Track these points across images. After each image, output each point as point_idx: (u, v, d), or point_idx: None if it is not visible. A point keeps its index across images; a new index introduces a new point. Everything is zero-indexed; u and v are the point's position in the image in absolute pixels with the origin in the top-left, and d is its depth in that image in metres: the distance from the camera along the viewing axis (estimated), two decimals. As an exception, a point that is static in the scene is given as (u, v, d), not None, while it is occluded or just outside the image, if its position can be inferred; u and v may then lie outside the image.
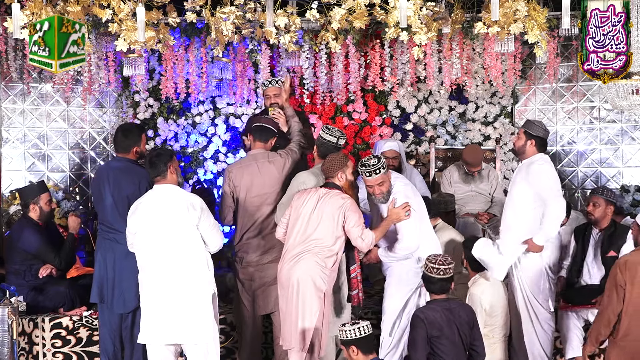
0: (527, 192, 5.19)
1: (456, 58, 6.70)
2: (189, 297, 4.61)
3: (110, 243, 5.13)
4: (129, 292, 5.06)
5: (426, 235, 5.15)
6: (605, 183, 7.61)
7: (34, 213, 5.80)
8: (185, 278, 4.61)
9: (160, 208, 4.65)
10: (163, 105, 7.81)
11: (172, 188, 4.70)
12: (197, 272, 4.64)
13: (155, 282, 4.64)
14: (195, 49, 6.79)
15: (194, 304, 4.62)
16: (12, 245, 5.79)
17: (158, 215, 4.63)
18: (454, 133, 7.88)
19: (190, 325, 4.60)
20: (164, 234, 4.61)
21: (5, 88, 7.53)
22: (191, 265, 4.63)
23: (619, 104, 6.60)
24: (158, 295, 4.62)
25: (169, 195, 4.67)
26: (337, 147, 5.19)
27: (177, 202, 4.64)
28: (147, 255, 4.66)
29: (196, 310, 4.62)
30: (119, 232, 5.03)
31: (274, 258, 5.23)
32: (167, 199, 4.66)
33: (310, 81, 6.91)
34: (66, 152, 7.83)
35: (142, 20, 5.30)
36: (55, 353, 5.61)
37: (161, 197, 4.68)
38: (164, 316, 4.61)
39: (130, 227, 4.72)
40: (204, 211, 4.69)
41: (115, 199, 5.10)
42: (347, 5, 5.69)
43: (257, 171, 5.27)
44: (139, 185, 5.08)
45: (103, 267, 5.15)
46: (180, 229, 4.61)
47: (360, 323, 4.35)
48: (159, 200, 4.67)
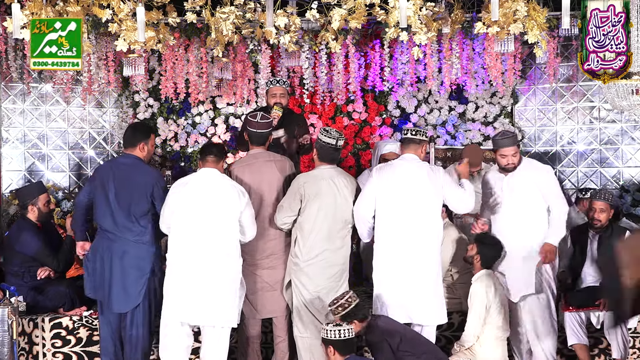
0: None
1: (456, 58, 6.70)
2: (218, 282, 4.83)
3: (107, 242, 5.11)
4: (126, 292, 5.06)
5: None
6: (606, 183, 7.61)
7: (32, 214, 5.77)
8: (217, 263, 4.84)
9: (208, 191, 4.89)
10: (163, 105, 7.81)
11: (220, 174, 4.98)
12: (229, 258, 4.87)
13: (186, 263, 4.84)
14: (195, 49, 6.79)
15: (221, 288, 4.83)
16: (10, 248, 5.76)
17: (205, 197, 4.87)
18: (454, 133, 7.88)
19: (215, 309, 4.82)
20: (207, 217, 4.85)
21: (5, 88, 7.53)
22: (225, 251, 4.87)
23: (619, 104, 6.60)
24: (187, 276, 4.83)
25: (218, 180, 4.94)
26: (337, 149, 5.20)
27: (228, 187, 4.91)
28: (182, 235, 4.86)
29: (222, 295, 4.83)
30: (113, 233, 5.06)
31: (274, 264, 5.25)
32: (217, 184, 4.92)
33: (310, 81, 6.91)
34: (66, 152, 7.82)
35: (142, 20, 5.30)
36: (55, 353, 5.61)
37: (209, 180, 4.93)
38: (190, 297, 4.82)
39: (170, 205, 4.91)
40: (249, 200, 4.96)
41: (118, 194, 5.08)
42: (347, 5, 5.70)
43: (258, 170, 5.27)
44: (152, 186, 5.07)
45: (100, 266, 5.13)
46: (224, 214, 4.86)
47: (344, 326, 4.42)
48: (206, 183, 4.91)
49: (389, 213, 5.06)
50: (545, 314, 5.34)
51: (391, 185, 5.07)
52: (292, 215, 5.13)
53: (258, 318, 5.31)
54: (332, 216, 5.11)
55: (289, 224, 5.17)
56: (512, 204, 5.36)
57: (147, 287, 5.07)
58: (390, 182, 5.07)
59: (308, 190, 5.08)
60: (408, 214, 5.04)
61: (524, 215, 5.33)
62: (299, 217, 5.13)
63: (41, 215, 5.80)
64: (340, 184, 5.15)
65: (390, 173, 5.11)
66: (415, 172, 5.10)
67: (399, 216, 5.05)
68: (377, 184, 5.08)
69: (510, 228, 5.35)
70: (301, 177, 5.20)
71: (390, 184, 5.07)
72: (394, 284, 5.02)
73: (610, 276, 3.11)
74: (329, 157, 5.20)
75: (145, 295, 5.07)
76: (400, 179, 5.07)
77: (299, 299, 5.14)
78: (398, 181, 5.07)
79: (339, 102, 7.61)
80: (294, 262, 5.16)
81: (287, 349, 5.33)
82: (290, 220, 5.15)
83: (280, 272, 5.26)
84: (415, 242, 5.04)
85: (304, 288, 5.12)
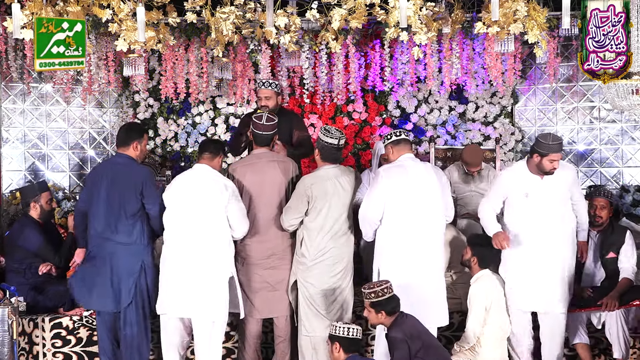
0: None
1: (456, 58, 6.70)
2: (207, 276, 4.97)
3: (99, 241, 5.14)
4: (116, 291, 5.08)
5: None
6: (606, 183, 7.61)
7: (35, 212, 5.84)
8: (206, 257, 4.98)
9: (194, 186, 5.04)
10: (163, 105, 7.81)
11: (209, 169, 5.10)
12: (218, 253, 5.00)
13: (177, 257, 5.00)
14: (195, 49, 6.79)
15: (210, 282, 4.97)
16: (12, 243, 5.80)
17: (191, 192, 5.02)
18: (454, 133, 7.88)
19: (204, 303, 4.96)
20: (194, 212, 4.99)
21: (5, 88, 7.53)
22: (214, 245, 5.00)
23: (619, 104, 6.60)
24: (178, 270, 4.99)
25: (205, 175, 5.07)
26: (339, 148, 5.22)
27: (212, 181, 5.04)
28: (174, 230, 5.03)
29: (211, 289, 4.97)
30: (104, 232, 5.08)
31: (275, 265, 5.25)
32: (203, 178, 5.06)
33: (310, 81, 6.90)
34: (66, 152, 7.82)
35: (142, 20, 5.30)
36: (55, 353, 5.61)
37: (197, 176, 5.09)
38: (181, 290, 4.98)
39: (165, 201, 5.08)
40: (235, 194, 5.05)
41: (109, 194, 5.10)
42: (347, 5, 5.69)
43: (260, 170, 5.27)
44: (141, 184, 5.09)
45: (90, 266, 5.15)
46: (210, 208, 4.98)
47: (353, 326, 4.52)
48: (194, 179, 5.08)
49: (401, 214, 5.05)
50: (563, 330, 5.33)
51: (403, 186, 5.05)
52: (299, 216, 5.15)
53: (258, 318, 5.31)
54: (338, 215, 5.15)
55: (296, 225, 5.19)
56: (548, 207, 5.26)
57: (137, 285, 5.08)
58: (402, 183, 5.05)
59: (315, 192, 5.10)
60: (420, 215, 5.05)
61: (559, 218, 5.28)
62: (306, 218, 5.15)
63: (43, 212, 5.87)
64: (344, 183, 5.19)
65: (402, 174, 5.07)
66: (425, 172, 5.12)
67: (411, 217, 5.05)
68: (387, 186, 5.05)
69: (545, 233, 5.24)
70: (307, 178, 5.20)
71: (402, 185, 5.05)
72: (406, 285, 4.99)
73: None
74: (332, 157, 5.22)
75: (136, 293, 5.08)
76: (412, 180, 5.06)
77: (306, 298, 5.17)
78: (410, 182, 5.06)
79: (339, 102, 7.61)
80: (301, 261, 5.18)
81: (288, 349, 5.34)
82: (297, 221, 5.16)
83: (281, 272, 5.27)
84: (426, 243, 5.06)
85: (312, 286, 5.15)
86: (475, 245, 5.33)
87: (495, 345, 5.21)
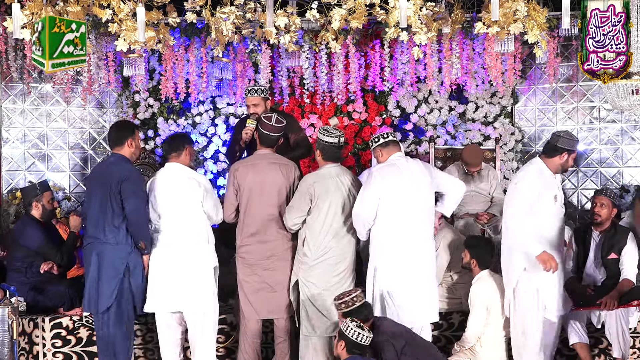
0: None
1: (456, 58, 6.70)
2: (191, 269, 5.12)
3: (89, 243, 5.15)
4: (99, 292, 5.06)
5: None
6: (606, 183, 7.62)
7: (37, 211, 5.85)
8: (187, 251, 5.13)
9: (168, 184, 5.16)
10: (163, 105, 7.81)
11: (181, 167, 5.21)
12: (198, 246, 5.14)
13: (161, 254, 5.14)
14: (195, 49, 6.79)
15: (195, 275, 5.12)
16: (14, 242, 5.81)
17: (166, 190, 5.15)
18: (454, 133, 7.88)
19: (191, 295, 5.10)
20: (172, 210, 5.14)
21: (5, 88, 7.53)
22: (193, 239, 5.14)
23: (619, 104, 6.60)
24: (163, 266, 5.12)
25: (178, 173, 5.19)
26: (340, 146, 5.24)
27: (185, 179, 5.16)
28: (155, 228, 5.16)
29: (197, 280, 5.12)
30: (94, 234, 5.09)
31: (275, 266, 5.25)
32: (176, 176, 5.17)
33: (310, 81, 6.91)
34: (66, 152, 7.83)
35: (142, 20, 5.30)
36: (56, 353, 5.61)
37: (170, 174, 5.20)
38: (168, 286, 5.12)
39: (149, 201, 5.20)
40: (208, 190, 5.22)
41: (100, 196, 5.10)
42: (347, 5, 5.70)
43: (262, 171, 5.26)
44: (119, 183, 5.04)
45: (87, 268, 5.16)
46: (186, 205, 5.13)
47: (365, 333, 4.45)
48: (168, 177, 5.19)
49: (396, 213, 5.05)
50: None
51: (397, 185, 5.06)
52: (302, 215, 5.15)
53: (258, 318, 5.31)
54: (340, 214, 5.16)
55: (299, 225, 5.20)
56: (561, 208, 5.20)
57: (119, 287, 5.05)
58: (395, 182, 5.06)
59: (318, 190, 5.11)
60: (413, 212, 5.06)
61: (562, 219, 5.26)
62: (308, 217, 5.16)
63: (45, 212, 5.88)
64: (346, 182, 5.20)
65: (395, 173, 5.09)
66: (417, 170, 5.12)
67: (406, 215, 5.05)
68: (381, 185, 5.06)
69: (561, 235, 5.21)
70: (309, 177, 5.21)
71: (396, 184, 5.06)
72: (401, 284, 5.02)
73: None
74: (333, 156, 5.23)
75: (118, 295, 5.05)
76: (405, 178, 5.07)
77: (307, 298, 5.17)
78: (404, 180, 5.06)
79: (339, 102, 7.61)
80: (302, 261, 5.18)
81: (288, 349, 5.34)
82: (300, 220, 5.17)
83: (280, 273, 5.26)
84: (419, 240, 5.08)
85: (314, 286, 5.15)
86: (472, 248, 5.35)
87: (495, 345, 5.22)
